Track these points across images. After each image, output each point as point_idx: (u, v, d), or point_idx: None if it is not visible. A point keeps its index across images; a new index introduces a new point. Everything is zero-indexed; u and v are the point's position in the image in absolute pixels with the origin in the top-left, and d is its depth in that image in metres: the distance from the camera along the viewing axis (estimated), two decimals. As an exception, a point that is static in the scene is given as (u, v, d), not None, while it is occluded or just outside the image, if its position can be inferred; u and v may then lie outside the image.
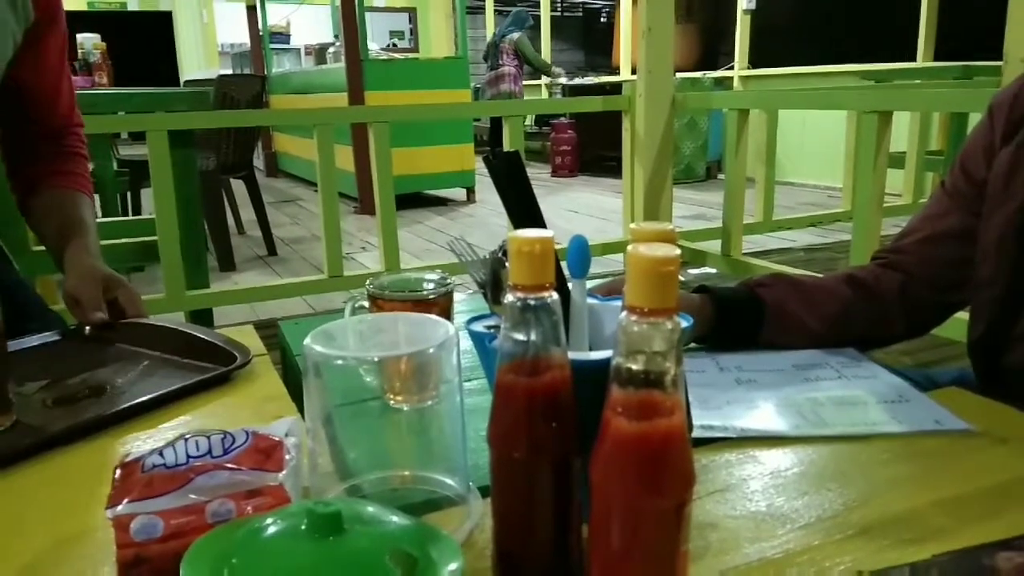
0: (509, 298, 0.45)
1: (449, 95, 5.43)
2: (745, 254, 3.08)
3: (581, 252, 0.55)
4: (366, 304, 0.75)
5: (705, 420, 0.70)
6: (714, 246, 3.27)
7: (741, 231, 2.93)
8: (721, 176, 6.97)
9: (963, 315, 0.91)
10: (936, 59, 5.44)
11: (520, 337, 0.46)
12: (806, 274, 1.03)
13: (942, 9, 5.44)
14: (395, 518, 0.45)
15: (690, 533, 0.44)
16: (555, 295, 0.45)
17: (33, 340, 0.93)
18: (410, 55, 6.46)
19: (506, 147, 2.92)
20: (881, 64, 5.27)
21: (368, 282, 0.77)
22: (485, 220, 5.32)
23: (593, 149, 7.30)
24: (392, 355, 0.54)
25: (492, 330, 0.56)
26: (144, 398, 0.76)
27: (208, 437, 0.51)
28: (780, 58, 6.47)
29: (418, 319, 0.57)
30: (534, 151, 8.49)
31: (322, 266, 2.62)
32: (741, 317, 0.86)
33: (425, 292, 0.73)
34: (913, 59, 5.55)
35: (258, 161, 7.99)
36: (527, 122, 9.00)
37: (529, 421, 0.46)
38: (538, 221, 0.60)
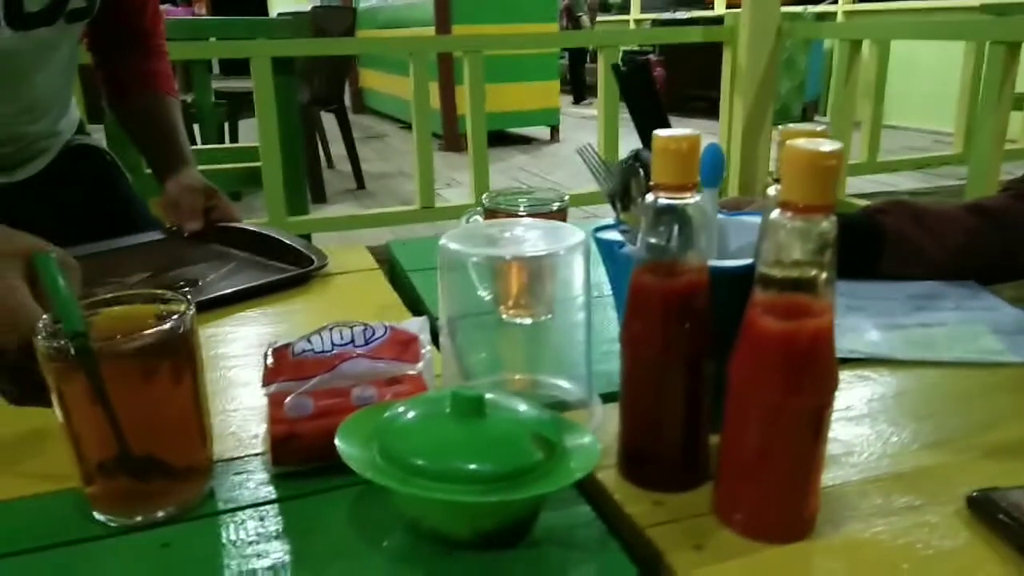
0: (650, 198, 0.45)
1: (536, 27, 5.33)
2: (849, 195, 2.96)
3: (715, 161, 0.55)
4: (481, 219, 0.76)
5: None
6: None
7: (846, 171, 2.81)
8: (819, 117, 6.67)
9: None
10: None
11: (659, 239, 0.46)
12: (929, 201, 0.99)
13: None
14: (531, 407, 0.47)
15: (828, 436, 0.44)
16: (697, 198, 0.45)
17: (139, 237, 1.01)
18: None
19: (600, 83, 2.86)
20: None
21: (484, 196, 0.78)
22: (569, 159, 5.26)
23: (684, 88, 7.07)
24: (525, 256, 0.54)
25: (621, 238, 0.56)
26: (227, 291, 0.83)
27: (351, 328, 0.54)
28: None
29: (547, 225, 0.58)
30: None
31: (410, 200, 2.66)
32: (861, 244, 0.83)
33: (543, 204, 0.74)
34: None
35: (345, 97, 8.09)
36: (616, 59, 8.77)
37: (665, 322, 0.47)
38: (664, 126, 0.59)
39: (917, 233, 0.84)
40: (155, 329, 0.44)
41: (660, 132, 0.44)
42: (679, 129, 0.45)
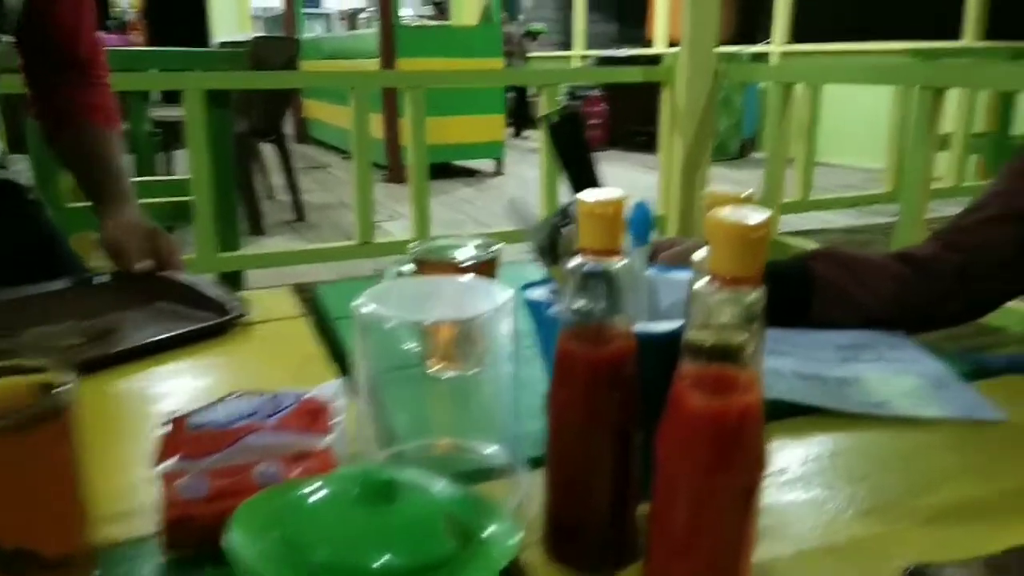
0: (576, 262, 0.43)
1: (481, 63, 5.37)
2: (782, 233, 3.02)
3: (643, 220, 0.53)
4: (407, 269, 0.73)
5: None
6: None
7: (780, 210, 2.87)
8: (755, 154, 6.85)
9: (1018, 305, 0.87)
10: (986, 39, 5.27)
11: (585, 304, 0.43)
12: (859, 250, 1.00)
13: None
14: (447, 487, 0.44)
15: (759, 516, 0.42)
16: (624, 261, 0.43)
17: (50, 285, 0.94)
18: (443, 22, 6.38)
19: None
20: (927, 42, 5.11)
21: (411, 246, 0.75)
22: (512, 192, 5.28)
23: (624, 124, 7.20)
24: (448, 319, 0.51)
25: (548, 298, 0.54)
26: (134, 344, 0.79)
27: (256, 396, 0.50)
28: (818, 34, 6.31)
29: (470, 283, 0.55)
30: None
31: (351, 233, 2.61)
32: (791, 291, 0.83)
33: (471, 256, 0.71)
34: (956, 38, 5.39)
35: (288, 127, 8.00)
36: (559, 97, 8.90)
37: (591, 390, 0.44)
38: (595, 184, 0.58)
39: (846, 280, 0.84)
40: (25, 407, 0.39)
41: (585, 195, 0.42)
42: (606, 190, 0.43)
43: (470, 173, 5.97)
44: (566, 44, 9.44)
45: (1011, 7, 5.16)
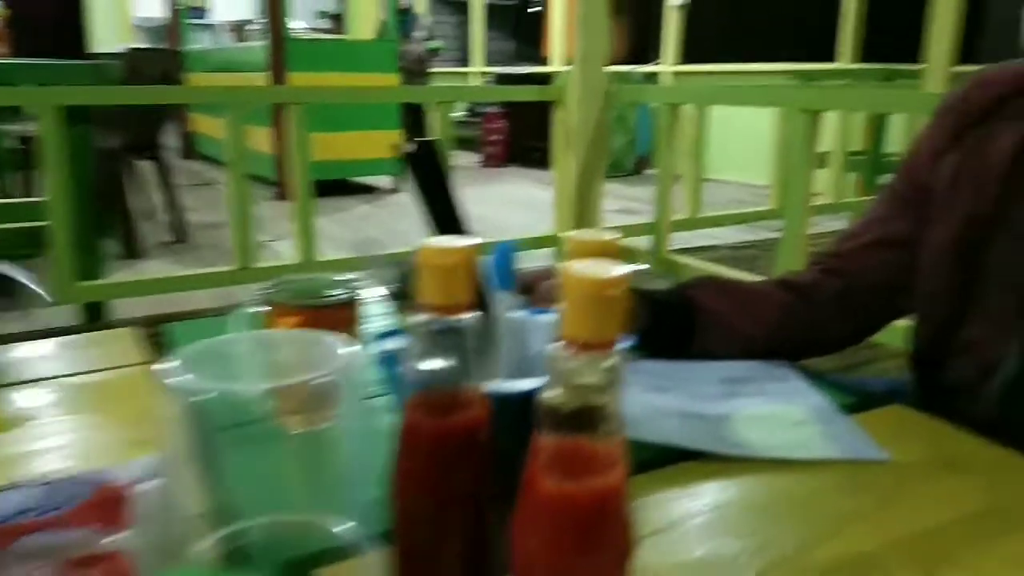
0: (416, 319, 0.37)
1: (377, 79, 5.26)
2: (672, 251, 3.06)
3: (506, 262, 0.47)
4: (258, 310, 0.66)
5: None
6: (641, 242, 3.25)
7: (670, 227, 2.91)
8: (649, 171, 7.01)
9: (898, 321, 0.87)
10: (861, 61, 5.58)
11: (427, 366, 0.37)
12: (739, 278, 0.98)
13: (868, 12, 5.58)
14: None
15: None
16: (470, 317, 0.37)
17: None
18: (337, 35, 6.23)
19: (436, 134, 2.81)
20: (807, 64, 5.37)
21: (266, 286, 0.67)
22: (412, 210, 5.18)
23: (523, 140, 7.23)
24: (281, 384, 0.44)
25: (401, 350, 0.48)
26: None
27: (40, 485, 0.41)
28: (708, 55, 6.54)
29: (315, 338, 0.48)
30: (467, 140, 8.37)
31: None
32: (673, 321, 0.80)
33: (326, 299, 0.64)
34: (833, 59, 5.69)
35: (172, 142, 7.62)
36: (458, 112, 8.86)
37: (437, 464, 0.38)
38: (456, 222, 0.52)
39: (728, 309, 0.82)
40: None
41: (426, 242, 0.36)
42: (448, 238, 0.37)
43: (369, 190, 5.83)
44: (465, 60, 9.45)
45: (883, 30, 5.49)
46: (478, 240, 0.38)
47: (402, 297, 0.49)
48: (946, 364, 0.78)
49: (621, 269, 0.31)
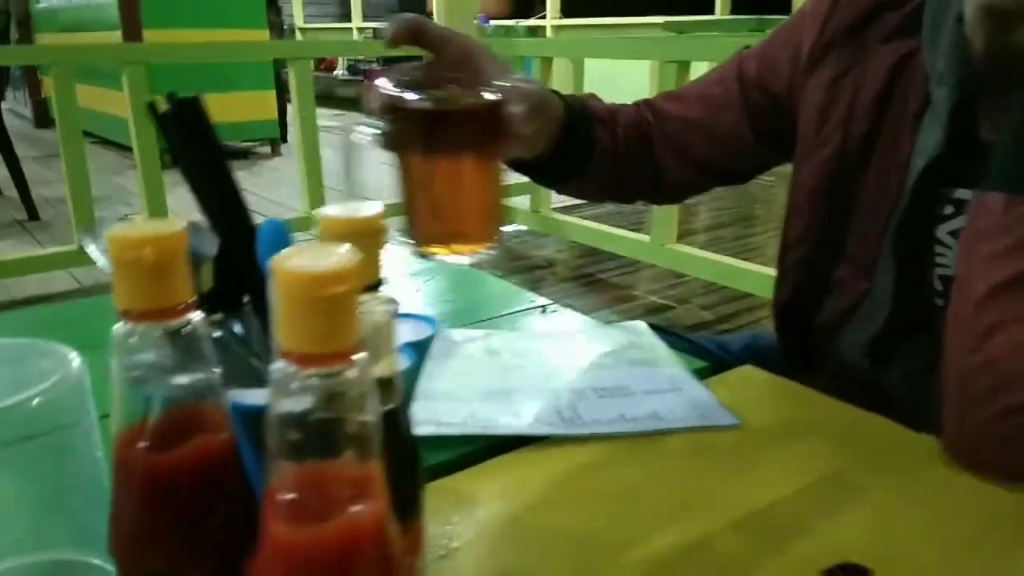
0: (117, 328, 0.29)
1: (244, 34, 4.95)
2: (555, 208, 3.04)
3: (275, 238, 0.40)
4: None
5: (446, 417, 0.58)
6: (521, 201, 3.21)
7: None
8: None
9: (764, 270, 0.85)
10: (733, 12, 5.68)
11: (139, 390, 0.30)
12: (624, 235, 0.93)
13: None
14: None
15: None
16: (197, 317, 0.30)
17: None
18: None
19: (294, 96, 2.65)
20: (685, 16, 5.42)
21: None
22: (292, 175, 4.97)
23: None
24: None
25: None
26: None
27: None
28: (591, 8, 6.50)
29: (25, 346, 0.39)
30: (348, 99, 8.07)
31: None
32: (580, 139, 0.72)
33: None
34: (712, 12, 5.77)
35: (25, 109, 6.98)
36: (340, 71, 8.51)
37: (163, 520, 0.30)
38: (226, 200, 0.44)
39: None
40: None
41: (117, 229, 0.28)
42: (161, 221, 0.29)
43: (244, 155, 5.53)
44: (346, 16, 9.06)
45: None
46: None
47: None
48: (812, 314, 0.75)
49: (346, 257, 0.24)
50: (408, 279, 0.92)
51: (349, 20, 8.84)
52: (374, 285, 0.33)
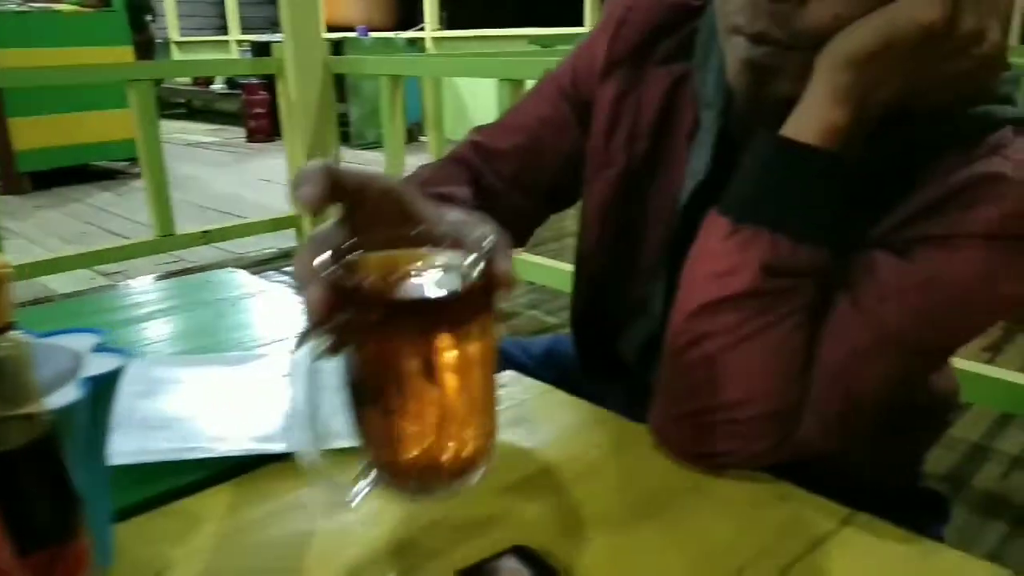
0: None
1: (104, 53, 4.79)
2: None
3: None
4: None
5: (153, 444, 0.57)
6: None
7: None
8: (422, 138, 7.00)
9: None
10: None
11: None
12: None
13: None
14: None
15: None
16: None
17: None
18: (51, 5, 5.55)
19: (135, 120, 2.61)
20: (551, 29, 5.60)
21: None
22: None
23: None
24: None
25: None
26: None
27: None
28: (469, 21, 6.61)
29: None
30: (229, 113, 7.89)
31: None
32: None
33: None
34: (582, 24, 5.97)
35: None
36: (218, 84, 8.31)
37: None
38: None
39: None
40: None
41: None
42: None
43: (110, 175, 5.34)
44: (225, 28, 8.87)
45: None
46: None
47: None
48: (605, 328, 0.77)
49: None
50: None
51: (226, 33, 8.67)
52: (3, 328, 0.34)
